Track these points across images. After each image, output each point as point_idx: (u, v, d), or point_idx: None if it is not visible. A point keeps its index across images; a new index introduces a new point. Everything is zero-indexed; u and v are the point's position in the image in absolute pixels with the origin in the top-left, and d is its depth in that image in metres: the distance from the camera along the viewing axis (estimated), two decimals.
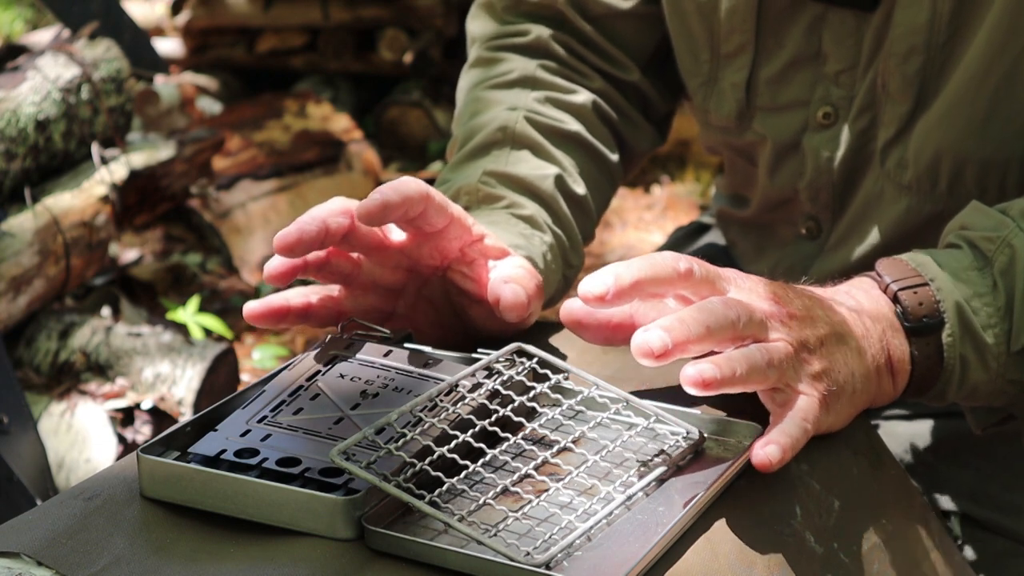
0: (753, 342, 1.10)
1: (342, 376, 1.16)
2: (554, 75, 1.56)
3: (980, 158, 1.39)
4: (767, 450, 1.07)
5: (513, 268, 1.24)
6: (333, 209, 1.18)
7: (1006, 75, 1.36)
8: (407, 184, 1.17)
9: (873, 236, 1.48)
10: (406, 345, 1.22)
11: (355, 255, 1.23)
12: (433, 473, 1.04)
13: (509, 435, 1.10)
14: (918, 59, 1.40)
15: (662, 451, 1.11)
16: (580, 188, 1.48)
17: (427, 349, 1.21)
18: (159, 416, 2.91)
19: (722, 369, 1.05)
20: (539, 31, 1.59)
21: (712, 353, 1.08)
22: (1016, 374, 1.23)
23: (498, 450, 1.09)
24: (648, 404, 1.13)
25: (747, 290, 1.13)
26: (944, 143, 1.40)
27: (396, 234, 1.23)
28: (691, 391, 1.05)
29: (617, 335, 1.16)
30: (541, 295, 1.26)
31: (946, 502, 1.50)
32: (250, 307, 1.19)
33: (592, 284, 1.08)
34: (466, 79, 1.61)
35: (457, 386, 1.13)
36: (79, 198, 3.14)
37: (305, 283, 1.26)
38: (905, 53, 1.40)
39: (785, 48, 1.49)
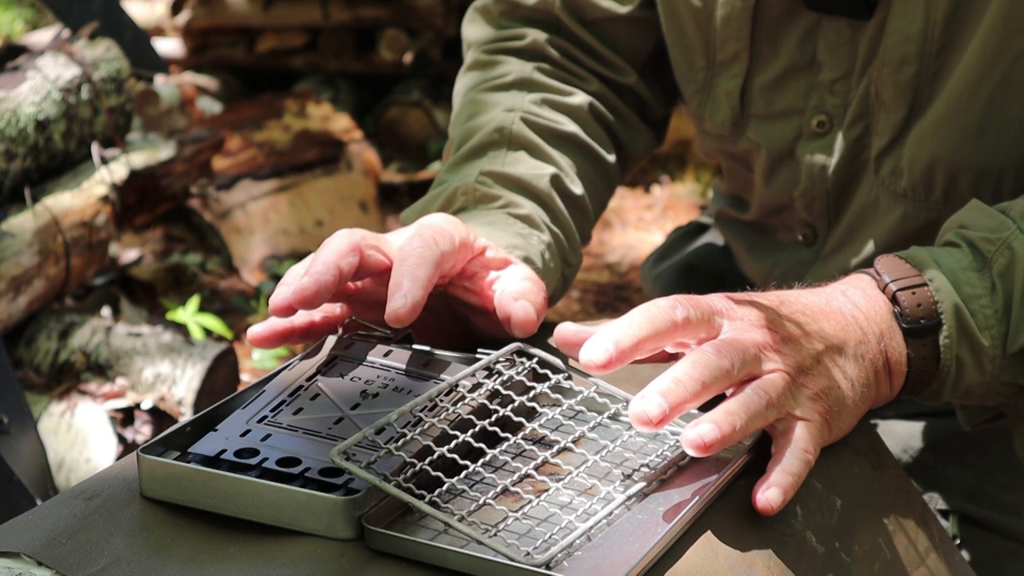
0: (749, 378, 1.10)
1: (342, 376, 1.16)
2: (550, 77, 1.56)
3: (975, 166, 1.39)
4: (768, 494, 1.07)
5: (520, 282, 1.24)
6: (341, 249, 1.17)
7: (1000, 83, 1.36)
8: (422, 266, 1.16)
9: (869, 244, 1.47)
10: (406, 345, 1.22)
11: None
12: (433, 473, 1.04)
13: (509, 435, 1.10)
14: (911, 68, 1.40)
15: (662, 451, 1.11)
16: (577, 188, 1.48)
17: (427, 349, 1.21)
18: (159, 416, 2.92)
19: (722, 428, 1.05)
20: (535, 35, 1.59)
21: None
22: (1010, 376, 1.23)
23: (498, 450, 1.09)
24: None
25: (739, 319, 1.13)
26: (938, 151, 1.40)
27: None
28: (693, 454, 1.05)
29: None
30: (547, 304, 1.26)
31: (944, 501, 1.50)
32: (254, 332, 1.19)
33: (593, 353, 1.06)
34: (462, 82, 1.61)
35: (457, 386, 1.13)
36: (79, 198, 3.14)
37: None
38: (898, 62, 1.40)
39: (780, 56, 1.49)
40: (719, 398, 1.09)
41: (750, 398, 1.08)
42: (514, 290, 1.22)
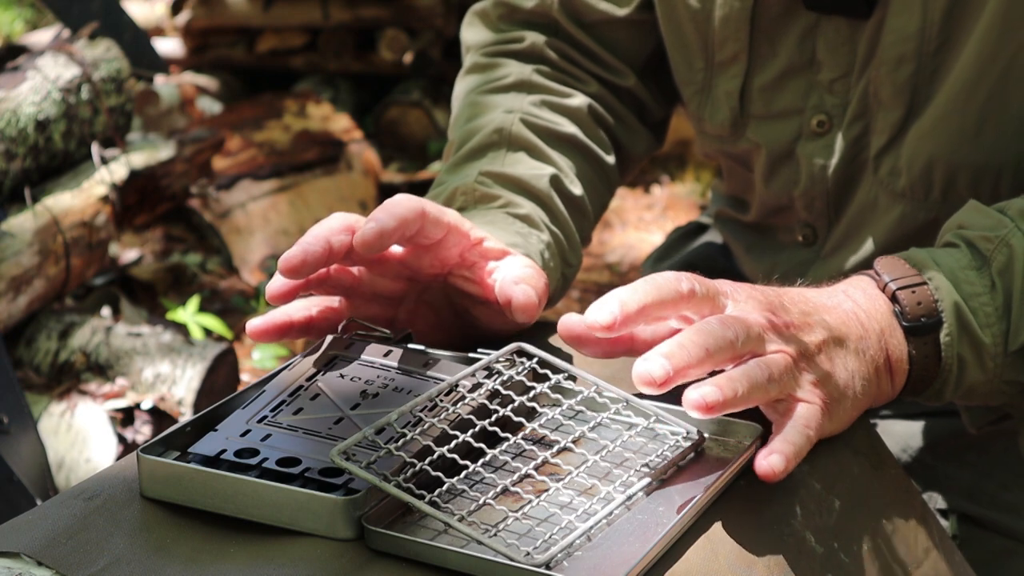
0: (752, 357, 1.10)
1: (342, 376, 1.16)
2: (549, 79, 1.57)
3: (973, 165, 1.39)
4: (770, 460, 1.07)
5: (521, 268, 1.24)
6: (334, 227, 1.18)
7: (997, 82, 1.36)
8: (400, 205, 1.17)
9: (868, 244, 1.48)
10: (406, 345, 1.22)
11: (355, 269, 1.23)
12: (433, 473, 1.04)
13: (509, 435, 1.10)
14: (909, 67, 1.40)
15: (662, 451, 1.11)
16: (576, 189, 1.48)
17: (427, 349, 1.21)
18: (159, 416, 2.92)
19: (724, 391, 1.05)
20: (534, 38, 1.59)
21: (714, 372, 1.08)
22: (1013, 374, 1.23)
23: (498, 450, 1.09)
24: (648, 404, 1.13)
25: (744, 302, 1.13)
26: (937, 150, 1.40)
27: (395, 247, 1.23)
28: (694, 415, 1.05)
29: (616, 348, 1.16)
30: (547, 293, 1.26)
31: (943, 501, 1.50)
32: (253, 324, 1.19)
33: (599, 314, 1.07)
34: (462, 84, 1.61)
35: (457, 386, 1.13)
36: (79, 198, 3.14)
37: None
38: (896, 60, 1.40)
39: (779, 56, 1.49)
40: None
41: (752, 369, 1.08)
42: (515, 275, 1.23)
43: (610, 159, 1.56)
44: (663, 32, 1.57)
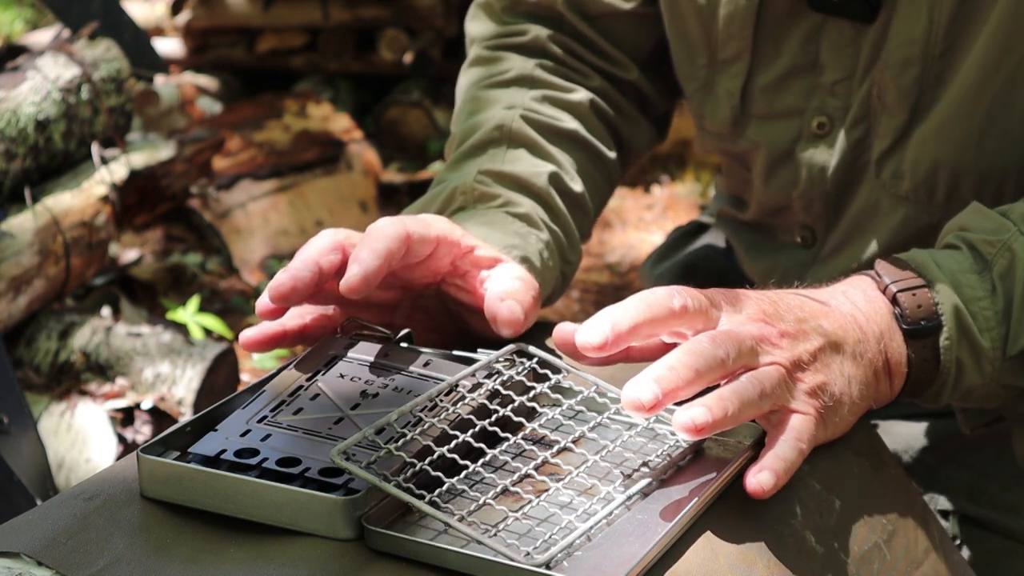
0: (745, 370, 1.10)
1: (342, 376, 1.16)
2: (552, 74, 1.56)
3: (978, 169, 1.39)
4: (760, 477, 1.07)
5: (509, 281, 1.23)
6: (323, 247, 1.17)
7: (1003, 86, 1.36)
8: (383, 238, 1.16)
9: (869, 247, 1.47)
10: (406, 345, 1.22)
11: None
12: (433, 473, 1.04)
13: (509, 435, 1.10)
14: (914, 70, 1.39)
15: (662, 451, 1.11)
16: (577, 185, 1.48)
17: (427, 349, 1.21)
18: (159, 416, 2.92)
19: (713, 412, 1.05)
20: (537, 31, 1.59)
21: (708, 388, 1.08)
22: (1010, 378, 1.23)
23: (498, 450, 1.09)
24: None
25: (737, 313, 1.13)
26: (941, 154, 1.40)
27: None
28: (684, 437, 1.05)
29: (611, 358, 1.16)
30: (538, 303, 1.26)
31: (943, 501, 1.50)
32: (246, 336, 1.19)
33: (590, 335, 1.07)
34: (464, 78, 1.61)
35: (457, 386, 1.13)
36: (79, 198, 3.14)
37: None
38: (901, 64, 1.40)
39: (782, 56, 1.49)
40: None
41: (743, 386, 1.08)
42: (501, 290, 1.22)
43: (611, 154, 1.56)
44: (667, 28, 1.56)
